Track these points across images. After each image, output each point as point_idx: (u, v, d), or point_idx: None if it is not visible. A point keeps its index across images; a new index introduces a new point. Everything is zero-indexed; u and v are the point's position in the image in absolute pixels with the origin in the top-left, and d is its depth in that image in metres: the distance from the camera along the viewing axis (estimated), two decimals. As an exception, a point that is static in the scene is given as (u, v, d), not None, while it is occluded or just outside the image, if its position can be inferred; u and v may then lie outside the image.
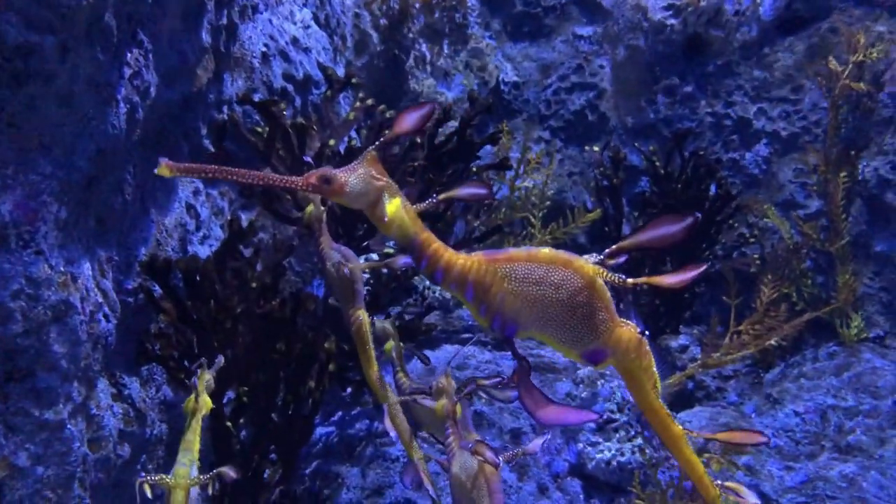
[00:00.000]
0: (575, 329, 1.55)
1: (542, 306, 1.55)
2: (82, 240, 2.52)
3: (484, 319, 1.61)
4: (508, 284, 1.56)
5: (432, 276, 1.61)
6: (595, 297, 1.54)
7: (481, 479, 1.87)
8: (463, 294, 1.60)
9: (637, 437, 3.67)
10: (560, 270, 1.54)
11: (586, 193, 5.51)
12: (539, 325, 1.57)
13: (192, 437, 2.22)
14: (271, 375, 3.10)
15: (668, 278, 1.49)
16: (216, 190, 3.76)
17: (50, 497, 2.35)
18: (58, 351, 2.33)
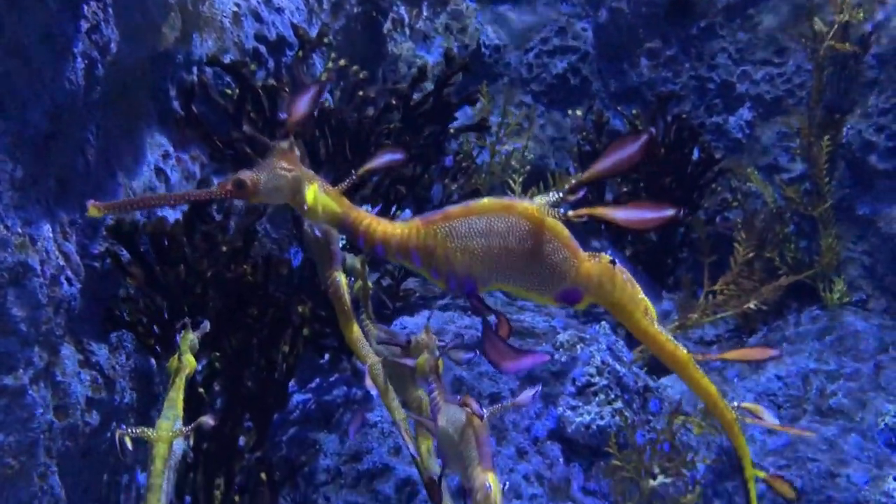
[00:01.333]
0: (536, 273, 1.49)
1: (492, 258, 1.50)
2: (41, 201, 2.44)
3: (440, 282, 1.58)
4: (451, 243, 1.51)
5: (372, 251, 1.58)
6: (548, 236, 1.48)
7: (469, 431, 1.81)
8: (410, 262, 1.57)
9: (617, 400, 3.65)
10: (503, 218, 1.48)
11: (569, 159, 5.44)
12: (498, 277, 1.52)
13: (175, 394, 2.19)
14: (243, 341, 3.04)
15: (619, 213, 1.41)
16: (187, 154, 3.67)
17: (12, 464, 2.30)
18: (16, 314, 2.26)
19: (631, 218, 1.42)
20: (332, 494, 3.36)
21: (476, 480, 1.71)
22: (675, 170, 5.02)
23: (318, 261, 2.67)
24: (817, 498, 4.08)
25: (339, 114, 3.53)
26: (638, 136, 1.38)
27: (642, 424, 3.70)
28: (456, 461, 1.82)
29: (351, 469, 3.42)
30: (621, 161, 1.40)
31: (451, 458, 1.85)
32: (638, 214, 1.41)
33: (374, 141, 3.58)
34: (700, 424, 4.03)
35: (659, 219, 1.40)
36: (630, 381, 3.81)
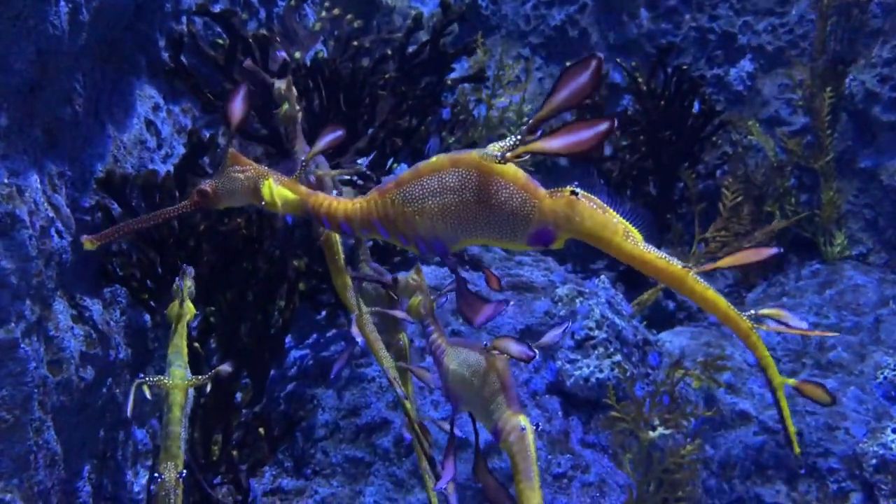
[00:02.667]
0: (499, 222, 1.46)
1: (451, 214, 1.47)
2: (28, 151, 2.38)
3: (411, 247, 1.57)
4: (408, 207, 1.50)
5: (339, 229, 1.60)
6: (502, 182, 1.43)
7: (492, 375, 1.77)
8: (377, 233, 1.58)
9: (616, 353, 3.62)
10: (453, 173, 1.45)
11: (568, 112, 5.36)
12: (463, 232, 1.49)
13: (179, 341, 2.18)
14: (238, 295, 3.00)
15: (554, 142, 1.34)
16: (178, 107, 3.60)
17: (6, 418, 2.27)
18: (6, 267, 2.22)
19: (567, 143, 1.34)
20: (331, 449, 3.35)
21: (508, 423, 1.70)
22: (675, 123, 4.96)
23: None
24: (816, 450, 4.08)
25: (333, 64, 3.44)
26: (588, 62, 1.30)
27: (641, 378, 3.68)
28: (474, 404, 1.79)
29: (349, 424, 3.41)
30: (575, 91, 1.31)
31: (467, 401, 1.82)
32: (573, 138, 1.33)
33: (368, 91, 3.51)
34: (699, 378, 4.02)
35: (595, 136, 1.32)
36: (629, 335, 3.79)
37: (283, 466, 3.34)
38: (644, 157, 5.01)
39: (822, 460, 4.00)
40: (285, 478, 3.30)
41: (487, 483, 1.82)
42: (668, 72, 4.96)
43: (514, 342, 1.71)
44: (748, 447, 4.12)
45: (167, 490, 2.09)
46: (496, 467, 3.21)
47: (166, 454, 2.12)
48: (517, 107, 4.79)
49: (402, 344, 2.64)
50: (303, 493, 3.25)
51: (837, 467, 4.00)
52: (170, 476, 2.10)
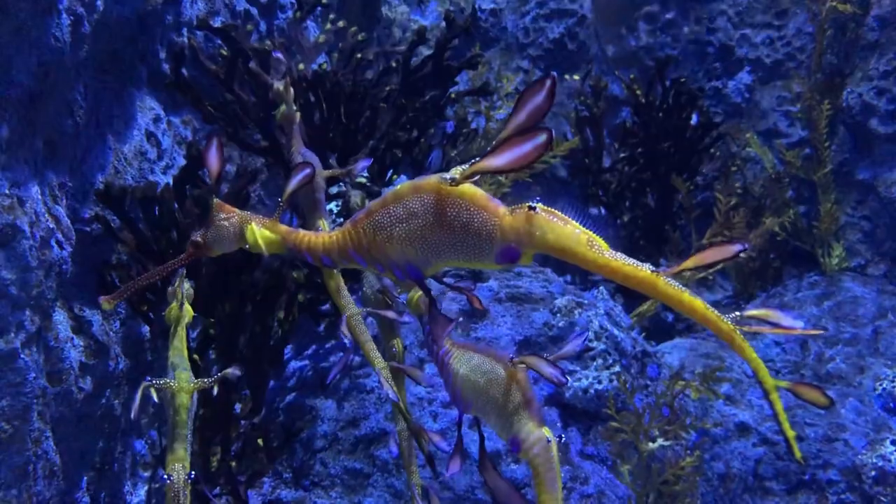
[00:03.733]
0: (464, 243, 1.47)
1: (419, 239, 1.50)
2: (29, 162, 2.39)
3: (387, 274, 1.60)
4: (379, 235, 1.53)
5: (321, 263, 1.64)
6: (461, 203, 1.45)
7: (514, 387, 1.77)
8: (355, 263, 1.61)
9: (615, 365, 3.62)
10: (416, 199, 1.48)
11: (566, 124, 5.38)
12: (434, 256, 1.51)
13: (180, 344, 2.18)
14: (237, 306, 3.01)
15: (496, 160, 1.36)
16: (178, 118, 3.62)
17: (5, 428, 2.27)
18: (6, 277, 2.22)
19: (509, 160, 1.36)
20: (330, 460, 3.34)
21: (532, 435, 1.71)
22: (674, 134, 4.98)
23: (305, 208, 2.62)
24: (815, 462, 4.07)
25: (334, 77, 3.46)
26: (543, 82, 1.33)
27: (640, 389, 3.68)
28: (487, 411, 1.79)
29: (348, 435, 3.40)
30: (533, 111, 1.34)
31: (479, 407, 1.81)
32: (515, 153, 1.35)
33: (369, 104, 3.52)
34: (698, 389, 4.02)
35: (535, 149, 1.34)
36: (628, 346, 3.79)
37: (282, 477, 3.33)
38: (642, 168, 5.03)
39: (822, 472, 4.00)
40: (284, 489, 3.30)
41: (498, 485, 1.82)
42: (667, 84, 4.99)
43: (547, 363, 1.71)
44: (747, 459, 4.12)
45: (176, 491, 2.09)
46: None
47: (174, 456, 2.13)
48: (516, 119, 4.80)
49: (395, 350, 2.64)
50: (301, 504, 3.24)
51: (837, 479, 3.99)
52: (178, 477, 2.10)
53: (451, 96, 3.61)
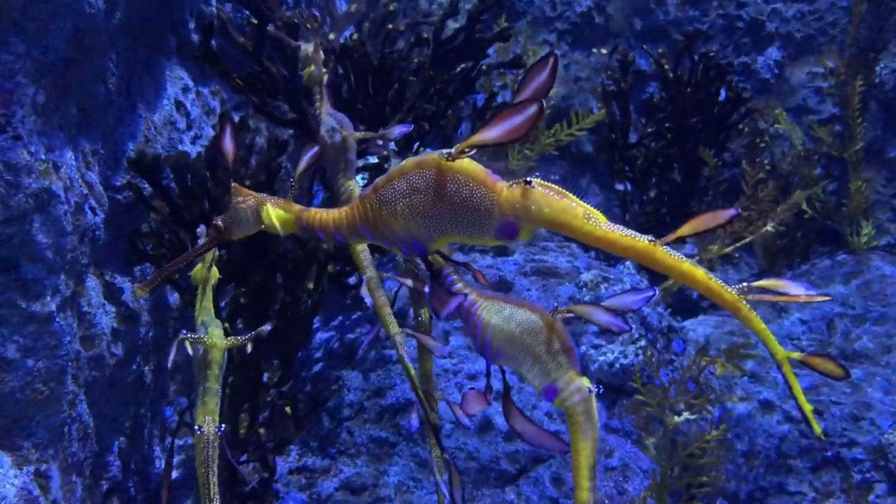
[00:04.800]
0: (464, 218, 1.49)
1: (421, 213, 1.51)
2: (64, 128, 2.41)
3: (394, 249, 1.62)
4: (384, 210, 1.55)
5: (333, 239, 1.67)
6: (461, 179, 1.47)
7: (552, 336, 1.77)
8: (364, 238, 1.64)
9: (641, 339, 3.62)
10: (419, 174, 1.50)
11: (593, 99, 5.34)
12: (436, 231, 1.53)
13: (208, 303, 2.20)
14: (268, 277, 3.03)
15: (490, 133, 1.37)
16: (206, 88, 3.63)
17: (42, 390, 2.30)
18: (42, 241, 2.25)
19: (502, 132, 1.37)
20: (356, 429, 3.37)
21: (572, 384, 1.71)
22: (702, 110, 4.92)
23: (332, 169, 2.62)
24: (840, 440, 4.06)
25: (362, 49, 3.45)
26: (546, 61, 1.35)
27: (666, 364, 3.68)
28: (521, 360, 1.79)
29: (374, 404, 3.43)
30: (537, 88, 1.36)
31: (511, 357, 1.81)
32: (507, 125, 1.36)
33: (397, 77, 3.51)
34: (724, 365, 4.00)
35: (527, 120, 1.34)
36: (654, 321, 3.78)
37: (309, 446, 3.37)
38: (669, 144, 4.99)
39: (847, 450, 3.98)
40: (311, 457, 3.33)
41: (527, 429, 1.83)
42: (695, 59, 4.93)
43: (602, 310, 1.69)
44: (771, 436, 4.11)
45: (206, 443, 2.12)
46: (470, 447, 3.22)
47: (204, 409, 2.16)
48: (543, 93, 4.76)
49: (421, 320, 2.65)
50: (328, 471, 3.28)
51: (862, 458, 3.97)
52: (208, 429, 2.13)
53: (483, 69, 3.59)
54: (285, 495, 3.17)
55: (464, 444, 3.33)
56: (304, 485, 3.23)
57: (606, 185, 5.32)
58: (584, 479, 1.72)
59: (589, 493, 1.72)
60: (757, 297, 1.46)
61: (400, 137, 2.59)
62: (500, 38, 3.67)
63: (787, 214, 4.61)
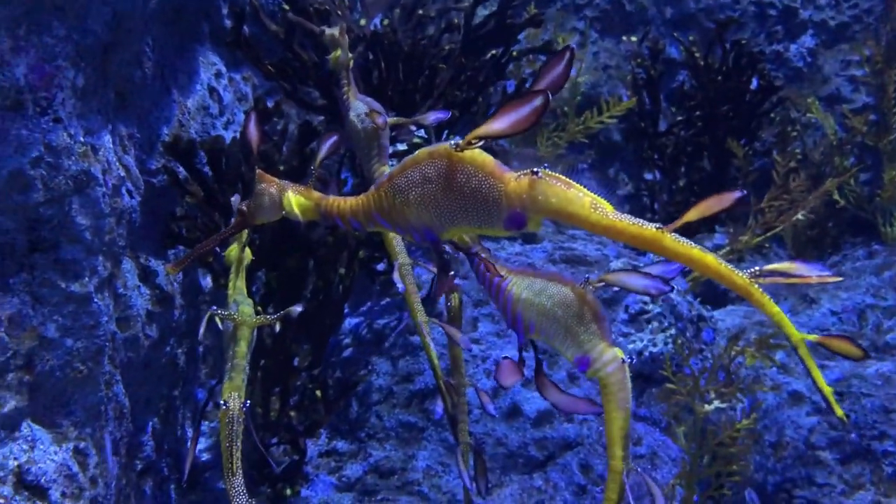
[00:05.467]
0: (473, 208, 1.50)
1: (432, 203, 1.53)
2: (102, 111, 2.44)
3: (408, 237, 1.64)
4: (398, 199, 1.56)
5: (351, 226, 1.69)
6: (470, 169, 1.47)
7: (584, 307, 1.77)
8: (380, 226, 1.65)
9: (670, 328, 3.60)
10: (428, 164, 1.51)
11: (622, 87, 5.31)
12: (447, 220, 1.54)
13: (241, 283, 2.22)
14: (300, 261, 3.05)
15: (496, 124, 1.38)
16: (239, 74, 3.65)
17: (80, 369, 2.34)
18: (81, 223, 2.28)
19: (509, 124, 1.38)
20: (385, 413, 3.40)
21: (606, 354, 1.72)
22: (733, 98, 4.88)
23: (363, 154, 2.61)
24: (871, 433, 4.02)
25: (393, 36, 3.45)
26: (563, 54, 1.37)
27: (695, 353, 3.66)
28: (554, 333, 1.79)
29: (403, 389, 3.45)
30: (553, 81, 1.38)
31: (544, 330, 1.82)
32: (514, 117, 1.37)
33: (427, 63, 3.51)
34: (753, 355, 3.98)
35: (533, 112, 1.35)
36: (684, 310, 3.77)
37: (339, 430, 3.40)
38: (700, 132, 4.95)
39: (878, 443, 3.94)
40: (340, 440, 3.36)
41: (560, 399, 1.84)
42: (727, 47, 4.88)
43: (639, 275, 1.68)
44: (800, 427, 4.08)
45: (231, 418, 2.15)
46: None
47: (231, 384, 2.18)
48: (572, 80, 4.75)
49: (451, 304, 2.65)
50: (357, 455, 3.31)
51: (893, 450, 3.94)
52: (234, 405, 2.16)
53: (514, 54, 3.58)
54: (315, 478, 3.20)
55: (492, 429, 3.34)
56: (334, 468, 3.26)
57: (635, 174, 5.30)
58: (618, 448, 1.74)
59: (622, 461, 1.74)
60: (769, 280, 1.45)
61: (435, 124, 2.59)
62: (532, 24, 3.66)
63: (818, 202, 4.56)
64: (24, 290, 2.21)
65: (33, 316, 2.23)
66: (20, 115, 2.11)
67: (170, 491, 3.06)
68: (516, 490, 3.22)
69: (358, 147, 2.63)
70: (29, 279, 2.22)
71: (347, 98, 2.66)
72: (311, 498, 3.13)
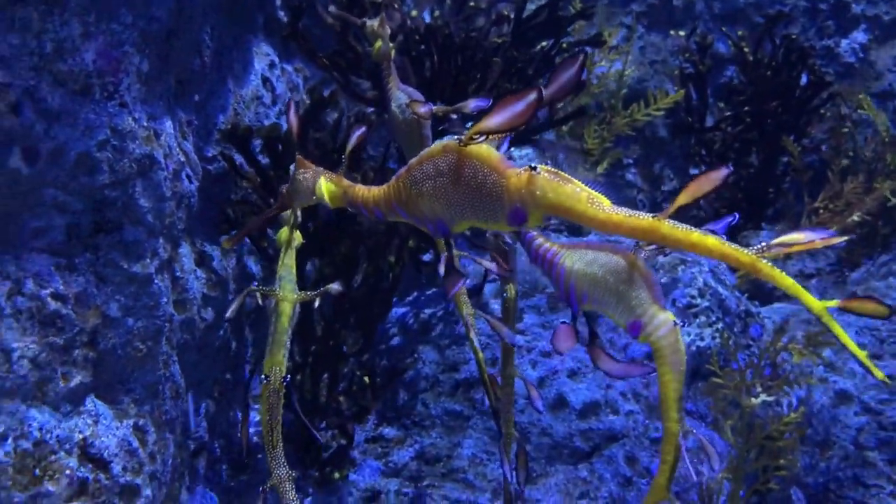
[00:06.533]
0: (480, 203, 1.51)
1: (443, 196, 1.55)
2: (164, 97, 2.50)
3: (424, 228, 1.66)
4: (413, 190, 1.59)
5: (374, 216, 1.72)
6: (475, 164, 1.49)
7: (635, 273, 1.79)
8: (399, 217, 1.68)
9: (718, 322, 3.58)
10: (441, 158, 1.53)
11: (669, 82, 5.28)
12: (456, 214, 1.55)
13: (290, 262, 2.26)
14: (351, 248, 3.09)
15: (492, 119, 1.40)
16: (291, 65, 3.71)
17: (141, 348, 2.41)
18: (144, 205, 2.34)
19: (504, 119, 1.39)
20: (431, 401, 3.43)
21: (657, 318, 1.73)
22: (782, 94, 4.83)
23: (405, 145, 2.63)
24: (921, 433, 3.96)
25: (446, 28, 3.48)
26: (576, 58, 1.39)
27: (742, 349, 3.63)
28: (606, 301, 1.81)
29: (449, 378, 3.48)
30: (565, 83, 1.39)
31: (596, 299, 1.83)
32: (509, 112, 1.38)
33: (480, 56, 3.53)
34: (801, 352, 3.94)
35: (527, 107, 1.36)
36: (732, 305, 3.74)
37: (385, 416, 3.44)
38: (748, 128, 4.91)
39: (929, 443, 3.88)
40: (387, 427, 3.40)
41: (611, 365, 1.86)
42: (776, 42, 4.83)
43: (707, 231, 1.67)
44: (847, 427, 4.03)
45: (271, 392, 2.19)
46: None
47: (272, 359, 2.22)
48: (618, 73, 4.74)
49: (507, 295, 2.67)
50: (403, 441, 3.34)
51: (944, 451, 3.87)
52: (275, 378, 2.19)
53: (563, 46, 3.60)
54: (362, 463, 3.25)
55: (537, 419, 3.35)
56: (380, 453, 3.30)
57: (680, 170, 5.26)
58: (673, 411, 1.75)
59: (677, 423, 1.74)
60: (774, 252, 1.43)
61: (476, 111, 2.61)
62: (582, 17, 3.67)
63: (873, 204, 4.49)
64: (88, 269, 2.28)
65: (97, 295, 2.30)
66: (88, 100, 2.17)
67: (221, 471, 3.13)
68: (561, 480, 3.24)
69: (400, 138, 2.65)
70: (93, 259, 2.29)
71: (389, 89, 2.68)
72: (359, 482, 3.17)
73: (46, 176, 2.13)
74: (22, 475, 2.07)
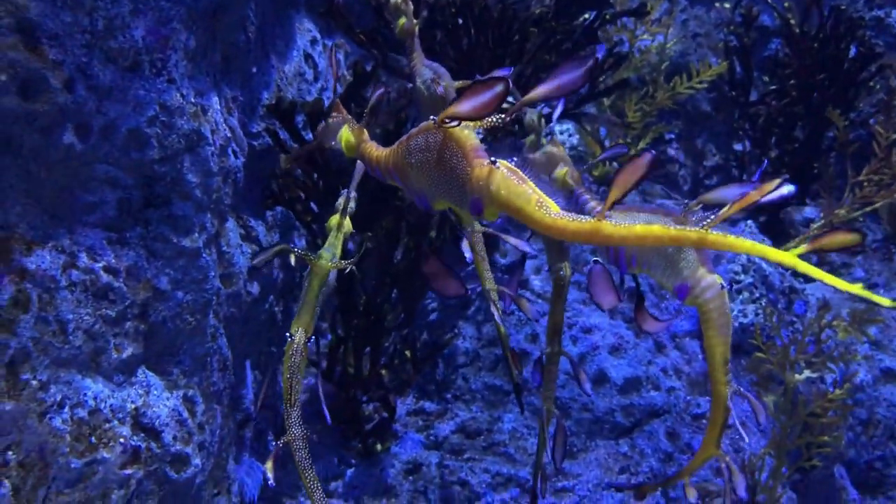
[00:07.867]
0: (451, 185, 1.49)
1: (426, 171, 1.54)
2: (210, 73, 2.53)
3: (412, 197, 1.66)
4: (405, 160, 1.59)
5: (375, 173, 1.75)
6: (452, 147, 1.47)
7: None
8: (394, 181, 1.70)
9: (761, 298, 3.55)
10: (431, 134, 1.52)
11: (712, 56, 5.19)
12: (436, 191, 1.54)
13: (336, 241, 2.28)
14: (394, 222, 3.11)
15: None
16: (332, 41, 3.72)
17: (190, 321, 2.46)
18: (192, 180, 2.38)
19: (472, 107, 1.36)
20: (471, 376, 3.45)
21: (704, 280, 1.74)
22: (829, 67, 4.72)
23: None
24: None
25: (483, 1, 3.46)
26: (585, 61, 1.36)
27: (786, 325, 3.60)
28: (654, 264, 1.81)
29: (489, 353, 3.50)
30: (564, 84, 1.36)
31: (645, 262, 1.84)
32: (476, 101, 1.35)
33: (518, 28, 3.51)
34: (846, 329, 3.89)
35: (493, 97, 1.33)
36: (776, 281, 3.70)
37: (426, 390, 3.47)
38: (794, 101, 4.81)
39: (976, 423, 3.82)
40: (427, 400, 3.44)
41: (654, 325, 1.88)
42: (824, 13, 4.72)
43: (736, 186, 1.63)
44: (892, 406, 3.98)
45: (294, 350, 2.21)
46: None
47: (299, 321, 2.24)
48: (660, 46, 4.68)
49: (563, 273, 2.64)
50: (444, 415, 3.37)
51: None
52: (299, 338, 2.22)
53: (606, 17, 3.55)
54: (404, 435, 3.29)
55: (578, 395, 3.36)
56: (422, 426, 3.34)
57: (723, 145, 5.19)
58: (721, 374, 1.76)
59: (725, 385, 1.75)
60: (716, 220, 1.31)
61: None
62: (627, -12, 3.61)
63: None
64: (139, 243, 2.33)
65: (147, 269, 2.34)
66: (138, 76, 2.21)
67: (267, 443, 3.19)
68: (602, 455, 3.25)
69: (425, 113, 2.65)
70: (144, 233, 2.34)
71: (414, 65, 2.68)
72: (401, 454, 3.21)
73: (98, 151, 2.17)
74: (79, 442, 2.13)
